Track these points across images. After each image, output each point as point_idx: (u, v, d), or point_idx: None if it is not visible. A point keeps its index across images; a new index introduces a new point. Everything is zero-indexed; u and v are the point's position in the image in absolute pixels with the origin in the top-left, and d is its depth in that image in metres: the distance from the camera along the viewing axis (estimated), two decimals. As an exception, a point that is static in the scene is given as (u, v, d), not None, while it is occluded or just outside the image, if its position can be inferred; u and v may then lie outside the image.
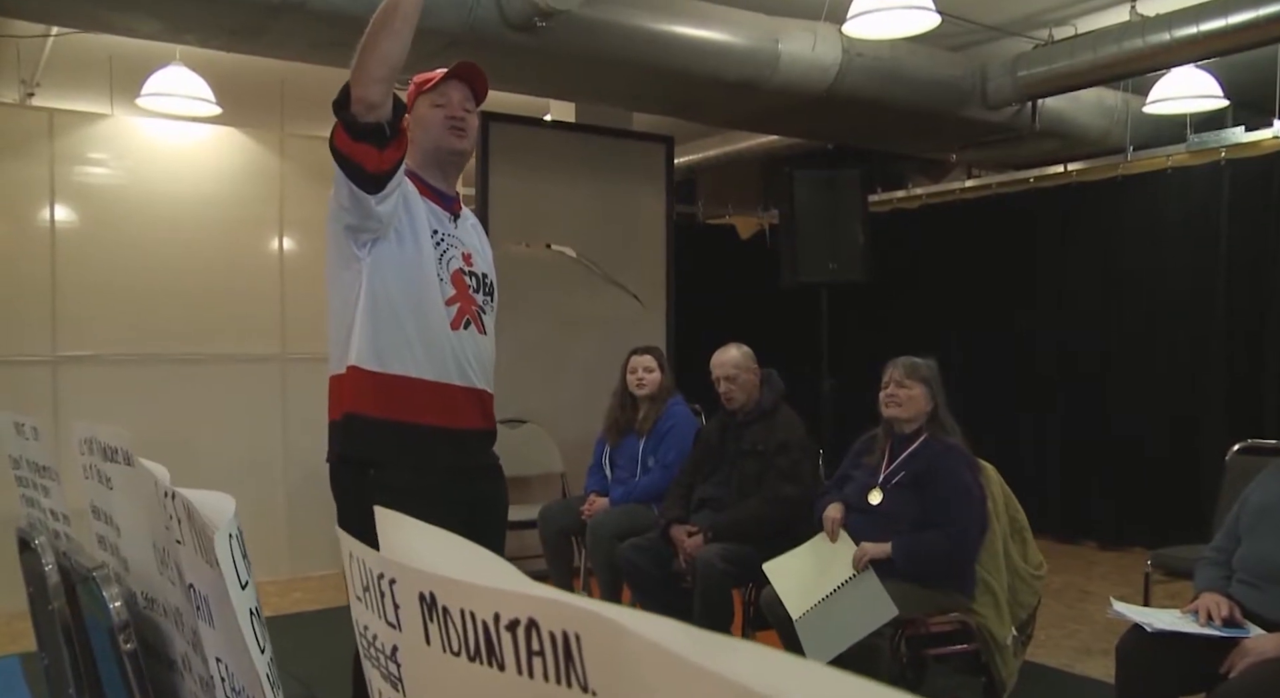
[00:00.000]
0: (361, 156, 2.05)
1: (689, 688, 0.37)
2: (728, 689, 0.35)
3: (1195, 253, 5.44)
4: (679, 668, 0.37)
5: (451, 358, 2.23)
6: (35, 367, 4.66)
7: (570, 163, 5.32)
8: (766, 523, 3.37)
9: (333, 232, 2.21)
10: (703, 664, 0.36)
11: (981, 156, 6.21)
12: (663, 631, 0.38)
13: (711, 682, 0.35)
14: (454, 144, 2.29)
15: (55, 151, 4.71)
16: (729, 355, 3.62)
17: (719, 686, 0.35)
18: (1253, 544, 2.34)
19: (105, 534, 1.57)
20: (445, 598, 0.50)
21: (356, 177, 2.07)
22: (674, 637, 0.38)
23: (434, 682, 0.54)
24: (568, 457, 5.02)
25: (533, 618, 0.45)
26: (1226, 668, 2.14)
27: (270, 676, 0.74)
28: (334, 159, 2.10)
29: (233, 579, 0.70)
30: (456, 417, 2.26)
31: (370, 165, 2.06)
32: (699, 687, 0.36)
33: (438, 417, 2.22)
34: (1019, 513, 3.18)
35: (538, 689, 0.45)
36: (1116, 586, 4.81)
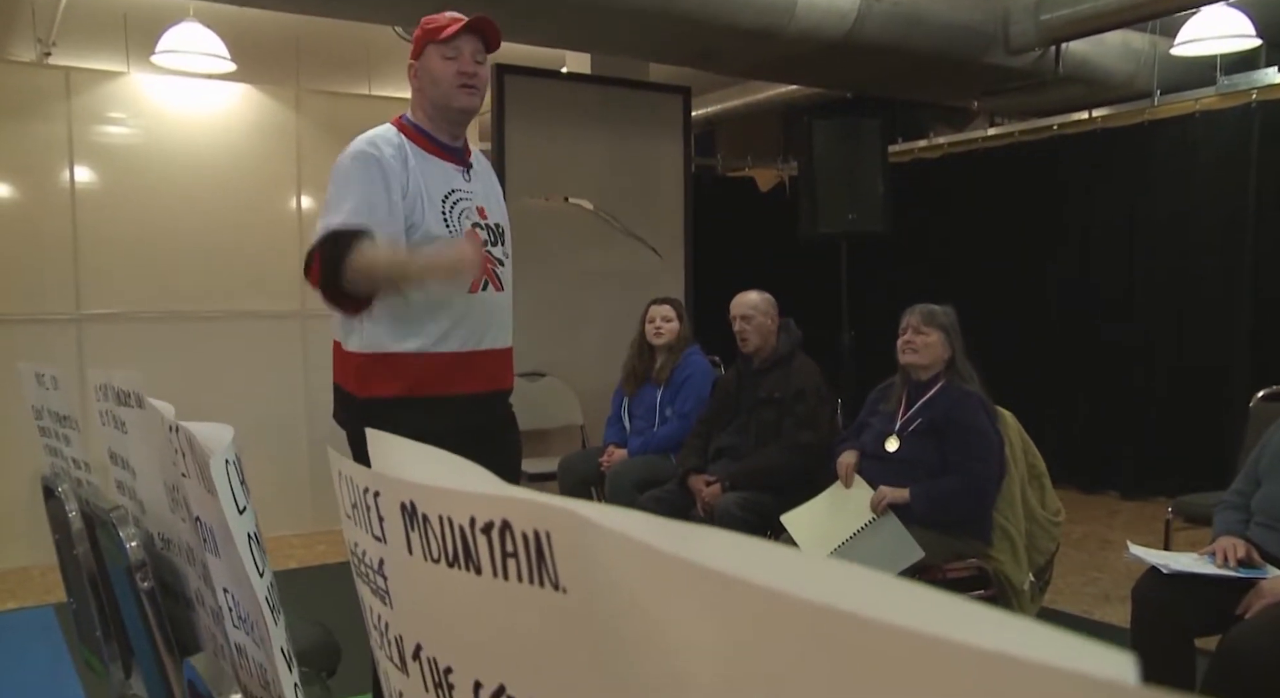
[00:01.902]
0: (340, 308, 2.17)
1: (655, 574, 0.37)
2: (692, 573, 0.34)
3: (1224, 199, 5.34)
4: (645, 556, 0.37)
5: (470, 323, 2.22)
6: (60, 324, 4.71)
7: (587, 115, 5.28)
8: (784, 471, 3.38)
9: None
10: (668, 550, 0.36)
11: (1004, 104, 6.10)
12: (628, 522, 0.38)
13: (676, 567, 0.35)
14: (465, 102, 2.24)
15: (73, 110, 4.72)
16: (748, 297, 3.62)
17: (684, 570, 0.35)
18: (1271, 487, 2.32)
19: (123, 479, 1.59)
20: (425, 506, 0.51)
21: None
22: (640, 527, 0.38)
23: (417, 591, 0.54)
24: (587, 409, 5.04)
25: (506, 519, 0.45)
26: (1243, 609, 2.13)
27: (270, 599, 0.75)
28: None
29: (229, 503, 0.71)
30: (475, 381, 2.26)
31: (350, 313, 2.16)
32: (664, 572, 0.36)
33: (456, 386, 2.22)
34: (1037, 459, 3.16)
35: (513, 591, 0.45)
36: (1138, 534, 4.79)
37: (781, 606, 0.29)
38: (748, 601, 0.31)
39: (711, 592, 0.32)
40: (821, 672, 0.28)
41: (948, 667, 0.23)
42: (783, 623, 0.29)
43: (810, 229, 5.37)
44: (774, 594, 0.29)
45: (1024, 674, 0.22)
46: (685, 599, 0.34)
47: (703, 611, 0.33)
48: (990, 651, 0.22)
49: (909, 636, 0.24)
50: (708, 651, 0.33)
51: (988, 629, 0.24)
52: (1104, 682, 0.21)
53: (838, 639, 0.27)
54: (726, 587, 0.31)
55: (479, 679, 0.50)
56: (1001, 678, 0.22)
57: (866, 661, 0.26)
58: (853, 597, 0.28)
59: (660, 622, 0.36)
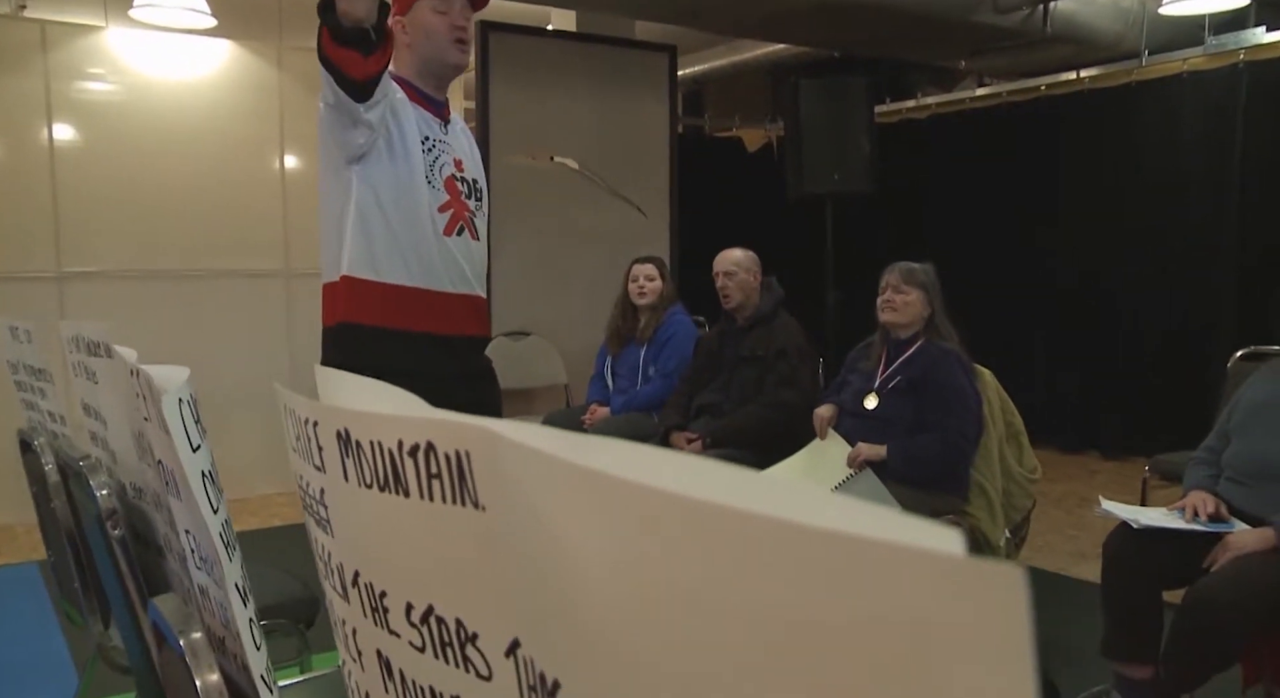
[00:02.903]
0: (346, 63, 2.00)
1: (555, 484, 0.37)
2: (595, 480, 0.35)
3: (1210, 161, 5.35)
4: (547, 466, 0.38)
5: (444, 264, 2.23)
6: (41, 283, 4.68)
7: (572, 74, 5.24)
8: (764, 428, 3.40)
9: (323, 140, 2.19)
10: (572, 460, 0.37)
11: (992, 64, 6.07)
12: (537, 436, 0.39)
13: (579, 475, 0.36)
14: (458, 58, 2.26)
15: (50, 65, 4.66)
16: (731, 254, 3.64)
17: (586, 477, 0.36)
18: (1242, 442, 2.35)
19: (96, 430, 1.60)
20: (358, 432, 0.51)
21: (342, 83, 2.03)
22: (546, 440, 0.39)
23: (354, 517, 0.55)
24: (571, 368, 5.05)
25: (430, 441, 0.46)
26: (1209, 562, 2.16)
27: (224, 536, 0.76)
28: (321, 64, 2.05)
29: (182, 441, 0.72)
30: (450, 323, 2.27)
31: (354, 72, 2.01)
32: (563, 480, 0.36)
33: (432, 324, 2.23)
34: (1015, 418, 3.19)
35: (438, 512, 0.46)
36: (1117, 493, 4.80)
37: (658, 501, 0.30)
38: (629, 499, 0.31)
39: (600, 495, 0.33)
40: (696, 560, 0.28)
41: (803, 547, 0.24)
42: (660, 518, 0.30)
43: (796, 189, 5.36)
44: (650, 490, 0.30)
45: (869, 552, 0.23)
46: (581, 505, 0.35)
47: (593, 514, 0.34)
48: (834, 531, 0.23)
49: (776, 523, 0.25)
50: (601, 554, 0.34)
51: (841, 515, 0.25)
52: (934, 553, 0.22)
53: (710, 529, 0.28)
54: (611, 488, 0.32)
55: (410, 601, 0.51)
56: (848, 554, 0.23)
57: (736, 548, 0.27)
58: (733, 493, 0.28)
59: (563, 531, 0.37)
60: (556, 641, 0.39)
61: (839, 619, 0.23)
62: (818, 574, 0.24)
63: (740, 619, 0.27)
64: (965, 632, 0.21)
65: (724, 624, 0.27)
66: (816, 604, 0.24)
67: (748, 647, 0.27)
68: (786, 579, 0.24)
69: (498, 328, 4.96)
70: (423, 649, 0.51)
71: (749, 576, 0.26)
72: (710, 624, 0.28)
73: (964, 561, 0.20)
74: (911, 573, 0.21)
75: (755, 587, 0.26)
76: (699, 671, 0.29)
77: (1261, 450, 2.27)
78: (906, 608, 0.21)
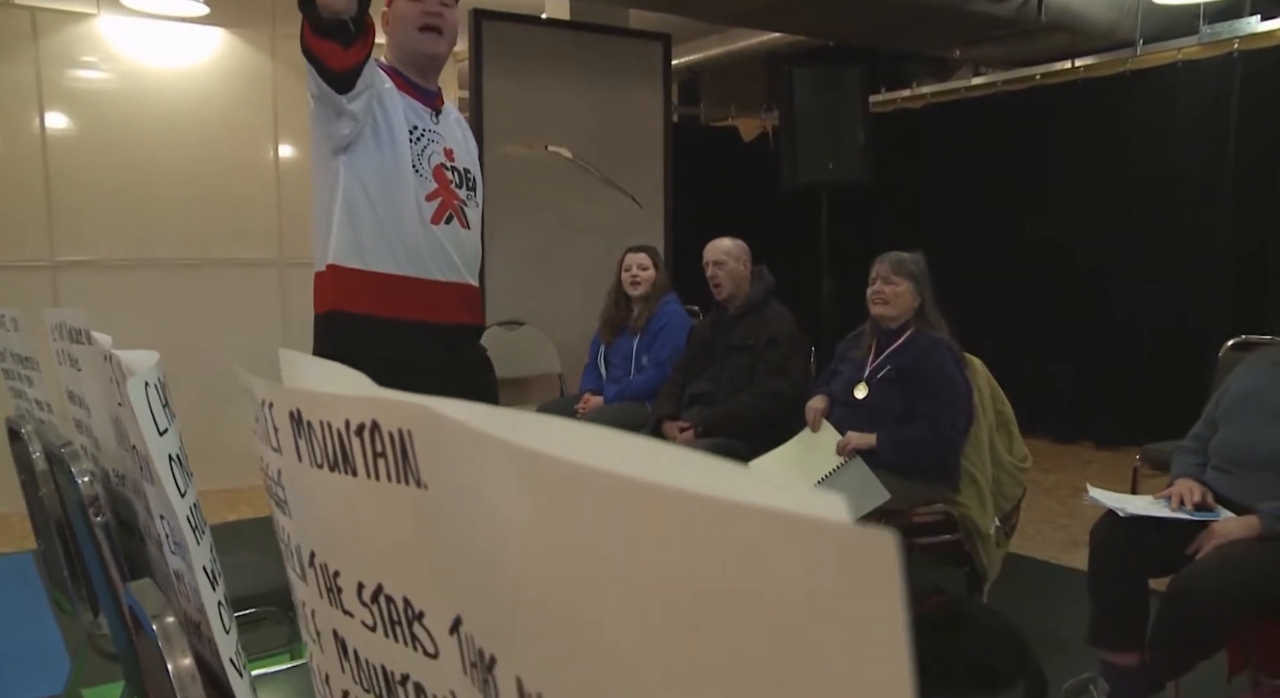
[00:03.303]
0: (326, 55, 2.02)
1: (489, 459, 0.38)
2: (518, 454, 0.35)
3: (1204, 150, 5.34)
4: (480, 442, 0.38)
5: (432, 253, 2.23)
6: (35, 272, 4.68)
7: (566, 62, 5.22)
8: (756, 417, 3.40)
9: (313, 131, 2.21)
10: (501, 436, 0.37)
11: (987, 53, 6.05)
12: (472, 413, 0.39)
13: (504, 450, 0.36)
14: (427, 48, 2.25)
15: (41, 53, 4.65)
16: (721, 243, 3.64)
17: (510, 452, 0.36)
18: (1228, 431, 2.36)
19: (80, 417, 1.60)
20: (309, 412, 0.52)
21: (323, 74, 2.05)
22: (480, 417, 0.39)
23: (308, 498, 0.55)
24: (565, 358, 5.05)
25: (375, 420, 0.46)
26: (1193, 549, 2.17)
27: (192, 519, 0.76)
28: (304, 57, 2.06)
29: (148, 425, 0.72)
30: (440, 311, 2.27)
31: (334, 63, 2.03)
32: (496, 456, 0.37)
33: (420, 311, 2.24)
34: (1005, 406, 3.19)
35: (384, 490, 0.47)
36: (1110, 482, 4.79)
37: (570, 473, 0.30)
38: (545, 471, 0.32)
39: (521, 468, 0.33)
40: (603, 529, 0.29)
41: (697, 516, 0.25)
42: (571, 489, 0.30)
43: (791, 178, 5.35)
44: (561, 462, 0.30)
45: (754, 519, 0.23)
46: (507, 479, 0.35)
47: (517, 487, 0.34)
48: (722, 499, 0.24)
49: (670, 492, 0.25)
50: (525, 525, 0.34)
51: (738, 484, 0.25)
52: (810, 519, 0.22)
53: (612, 499, 0.28)
54: (530, 461, 0.32)
55: (361, 581, 0.51)
56: (736, 522, 0.23)
57: (636, 517, 0.27)
58: (648, 465, 0.29)
59: (494, 505, 0.37)
60: (491, 616, 0.40)
61: (731, 585, 0.23)
62: (711, 542, 0.24)
63: (644, 587, 0.27)
64: (842, 595, 0.21)
65: (632, 593, 0.28)
66: (711, 571, 0.24)
67: (652, 614, 0.27)
68: (682, 546, 0.25)
69: (492, 317, 4.96)
70: (374, 629, 0.51)
71: (651, 544, 0.26)
72: (620, 593, 0.28)
73: (834, 526, 0.21)
74: (791, 539, 0.22)
75: (655, 554, 0.26)
76: (614, 639, 0.30)
77: (1247, 439, 2.28)
78: (788, 573, 0.22)
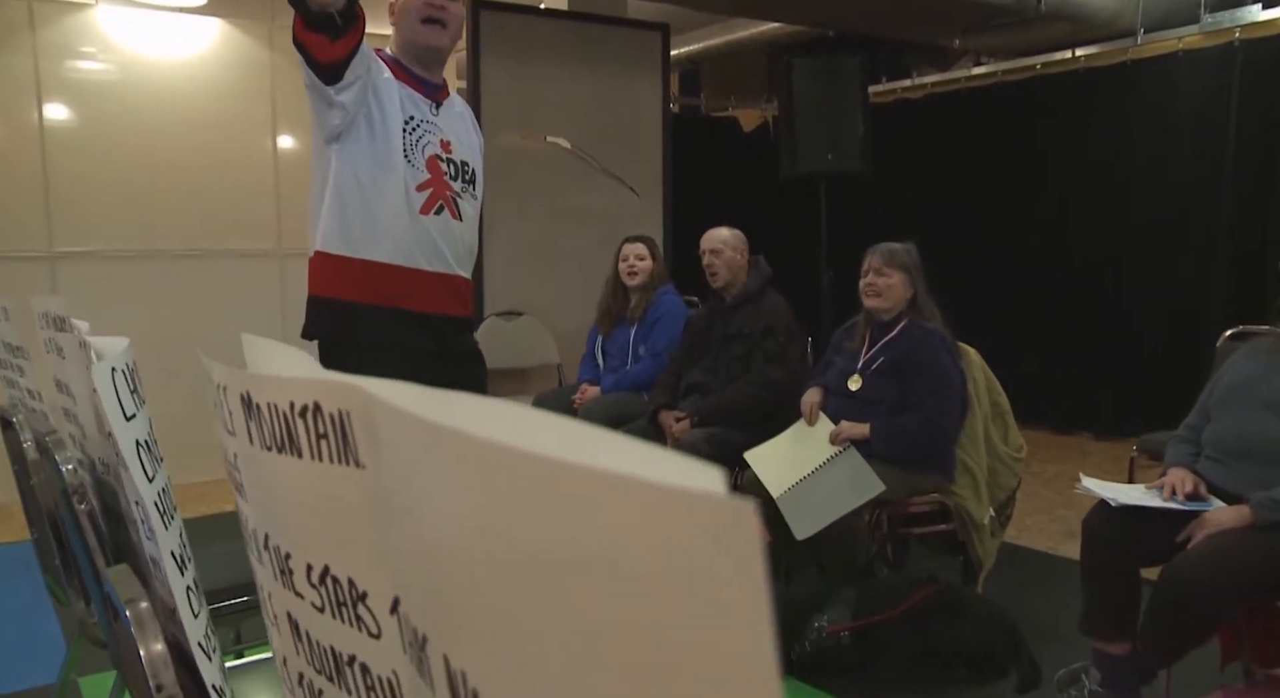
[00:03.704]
0: (313, 46, 2.03)
1: (413, 438, 0.38)
2: (438, 434, 0.36)
3: (1205, 139, 5.32)
4: (408, 423, 0.38)
5: (419, 243, 2.23)
6: (33, 262, 4.69)
7: (565, 53, 5.21)
8: (752, 406, 3.40)
9: (312, 118, 2.22)
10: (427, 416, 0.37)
11: (987, 43, 6.03)
12: (403, 393, 0.39)
13: (428, 429, 0.36)
14: (429, 40, 2.25)
15: (38, 44, 4.65)
16: (718, 232, 3.63)
17: (432, 432, 0.36)
18: (1220, 421, 2.35)
19: (67, 406, 1.61)
20: (257, 395, 0.52)
21: (311, 66, 2.07)
22: (411, 397, 0.39)
23: (260, 480, 0.56)
24: (564, 348, 5.05)
25: (317, 402, 0.46)
26: (1183, 538, 2.17)
27: (161, 504, 0.76)
28: (295, 47, 2.08)
29: (114, 410, 0.72)
30: (423, 301, 2.27)
31: (321, 56, 2.04)
32: (417, 435, 0.37)
33: (403, 300, 2.24)
34: (1001, 396, 3.19)
35: (327, 472, 0.47)
36: (1107, 473, 4.81)
37: (482, 451, 0.30)
38: (459, 449, 0.32)
39: (438, 445, 0.33)
40: (500, 503, 0.29)
41: (573, 486, 0.25)
42: (483, 468, 0.30)
43: (790, 169, 5.34)
44: (477, 441, 0.30)
45: (625, 488, 0.23)
46: (427, 457, 0.35)
47: (436, 464, 0.34)
48: (596, 470, 0.24)
49: (548, 463, 0.25)
50: (443, 503, 0.34)
51: (620, 455, 0.25)
52: (673, 488, 0.22)
53: (518, 477, 0.28)
54: (444, 438, 0.32)
55: (310, 562, 0.52)
56: (609, 492, 0.23)
57: (525, 489, 0.27)
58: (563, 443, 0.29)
59: (419, 484, 0.37)
60: (422, 594, 0.40)
61: (606, 555, 0.24)
62: (587, 513, 0.24)
63: (537, 560, 0.27)
64: (704, 563, 0.21)
65: (528, 566, 0.28)
66: (587, 542, 0.24)
67: (544, 586, 0.27)
68: (563, 518, 0.25)
69: (490, 308, 4.96)
70: (323, 610, 0.51)
71: (538, 516, 0.26)
72: (521, 567, 0.29)
73: (695, 493, 0.21)
74: (657, 508, 0.22)
75: (542, 527, 0.26)
76: (519, 614, 0.30)
77: (1239, 429, 2.28)
78: (654, 542, 0.22)
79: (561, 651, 0.27)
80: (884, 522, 2.98)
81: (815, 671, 2.71)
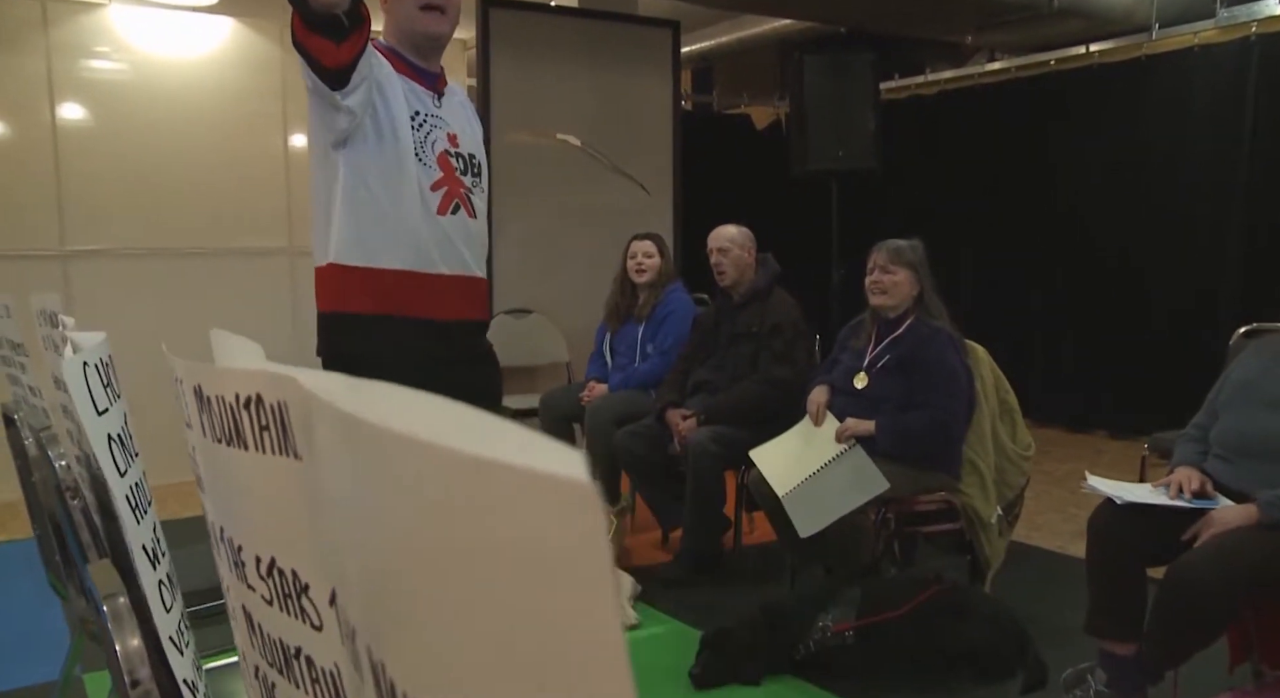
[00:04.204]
0: (317, 51, 1.92)
1: (333, 428, 0.37)
2: (359, 427, 0.35)
3: (1220, 135, 5.26)
4: (330, 414, 0.37)
5: (438, 246, 2.15)
6: (45, 261, 4.72)
7: (574, 50, 5.21)
8: (759, 405, 3.39)
9: (311, 123, 2.12)
10: (349, 409, 0.36)
11: (1001, 39, 5.99)
12: (332, 384, 0.39)
13: (343, 419, 0.36)
14: (427, 26, 2.12)
15: (51, 43, 4.68)
16: (725, 230, 3.63)
17: (354, 425, 0.36)
18: (1228, 419, 2.33)
19: (65, 402, 1.61)
20: (207, 387, 0.51)
21: (316, 70, 1.95)
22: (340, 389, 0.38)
23: (214, 472, 0.55)
24: (573, 346, 5.05)
25: (259, 393, 0.46)
26: (1189, 536, 2.15)
27: (132, 499, 0.76)
28: (295, 50, 1.97)
29: (85, 404, 0.72)
30: (445, 308, 2.19)
31: (327, 60, 1.93)
32: (337, 425, 0.36)
33: (423, 309, 2.16)
34: (1009, 394, 3.17)
35: (269, 463, 0.46)
36: (1121, 472, 4.76)
37: (391, 443, 0.30)
38: (372, 440, 0.31)
39: (348, 434, 0.33)
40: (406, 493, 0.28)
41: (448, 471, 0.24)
42: (392, 458, 0.30)
43: (801, 165, 5.34)
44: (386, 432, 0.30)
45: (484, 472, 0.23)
46: (343, 447, 0.35)
47: (348, 453, 0.34)
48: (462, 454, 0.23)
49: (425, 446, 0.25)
50: (355, 493, 0.34)
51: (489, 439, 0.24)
52: (562, 478, 0.21)
53: (410, 464, 0.28)
54: (354, 427, 0.32)
55: (259, 554, 0.51)
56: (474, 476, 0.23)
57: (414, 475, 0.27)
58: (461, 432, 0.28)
59: (340, 473, 0.37)
60: (350, 586, 0.39)
61: (472, 538, 0.23)
62: (460, 498, 0.24)
63: (424, 545, 0.27)
64: (555, 541, 0.21)
65: (420, 551, 0.28)
66: (459, 526, 0.24)
67: (432, 571, 0.27)
68: (441, 502, 0.25)
69: (500, 306, 4.96)
70: (271, 603, 0.51)
71: (424, 502, 0.26)
72: (415, 553, 0.28)
73: (540, 475, 0.21)
74: (517, 490, 0.21)
75: (426, 512, 0.26)
76: (417, 600, 0.29)
77: (1246, 427, 2.25)
78: (510, 524, 0.22)
79: (453, 634, 0.26)
80: (890, 520, 2.97)
81: (819, 670, 2.69)
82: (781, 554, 3.36)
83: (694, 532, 3.48)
